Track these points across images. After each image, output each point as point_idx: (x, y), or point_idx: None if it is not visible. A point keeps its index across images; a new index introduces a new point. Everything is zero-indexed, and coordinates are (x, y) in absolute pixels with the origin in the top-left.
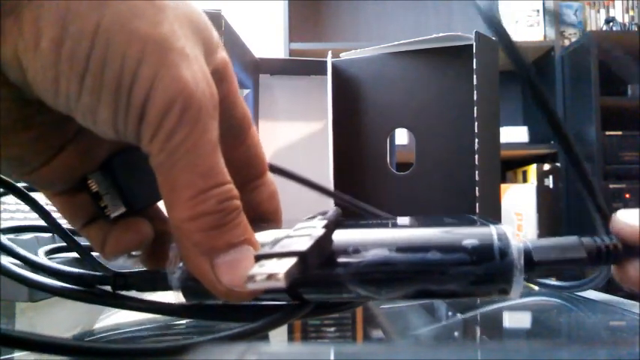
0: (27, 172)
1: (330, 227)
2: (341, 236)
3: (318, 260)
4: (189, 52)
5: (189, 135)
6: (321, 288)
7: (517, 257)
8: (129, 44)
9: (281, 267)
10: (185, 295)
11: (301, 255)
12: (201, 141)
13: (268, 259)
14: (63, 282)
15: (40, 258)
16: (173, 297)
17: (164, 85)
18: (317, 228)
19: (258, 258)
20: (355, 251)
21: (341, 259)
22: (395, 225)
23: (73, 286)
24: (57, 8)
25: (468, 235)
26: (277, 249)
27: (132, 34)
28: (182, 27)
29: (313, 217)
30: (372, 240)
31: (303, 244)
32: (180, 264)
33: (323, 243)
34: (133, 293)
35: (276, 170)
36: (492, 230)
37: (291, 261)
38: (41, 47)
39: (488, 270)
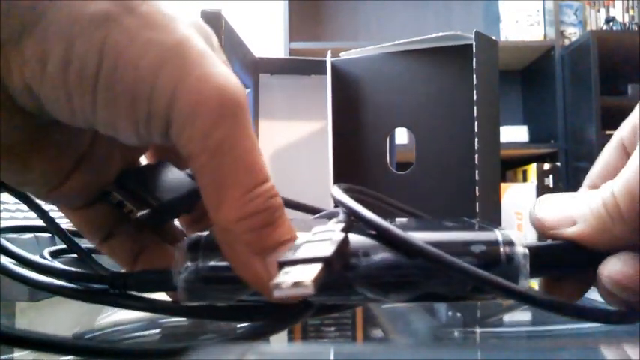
0: (49, 191)
1: (348, 230)
2: (351, 240)
3: (341, 264)
4: (210, 52)
5: (230, 131)
6: (329, 292)
7: (523, 261)
8: (141, 56)
9: (307, 274)
10: (190, 296)
11: (326, 260)
12: (243, 136)
13: (292, 266)
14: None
15: (40, 259)
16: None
17: (189, 88)
18: (336, 232)
19: (282, 264)
20: (365, 254)
21: (350, 263)
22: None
23: (74, 285)
24: (60, 30)
25: (476, 240)
26: (300, 254)
27: (144, 45)
28: (198, 33)
29: (322, 218)
30: (381, 244)
31: (327, 249)
32: (187, 263)
33: (344, 247)
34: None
35: None
36: (498, 235)
37: (317, 267)
38: (48, 71)
39: (496, 274)
